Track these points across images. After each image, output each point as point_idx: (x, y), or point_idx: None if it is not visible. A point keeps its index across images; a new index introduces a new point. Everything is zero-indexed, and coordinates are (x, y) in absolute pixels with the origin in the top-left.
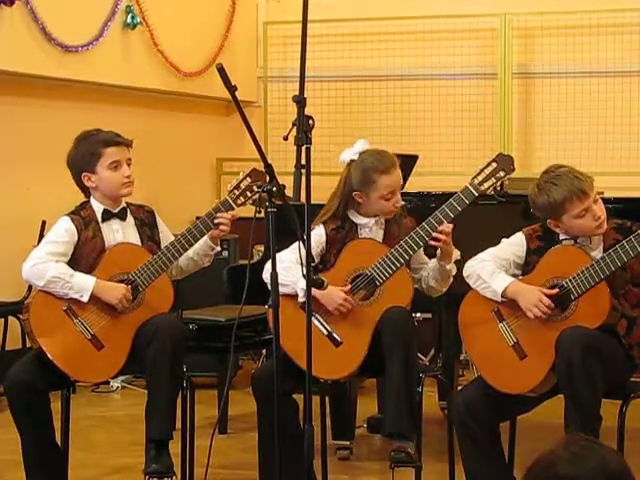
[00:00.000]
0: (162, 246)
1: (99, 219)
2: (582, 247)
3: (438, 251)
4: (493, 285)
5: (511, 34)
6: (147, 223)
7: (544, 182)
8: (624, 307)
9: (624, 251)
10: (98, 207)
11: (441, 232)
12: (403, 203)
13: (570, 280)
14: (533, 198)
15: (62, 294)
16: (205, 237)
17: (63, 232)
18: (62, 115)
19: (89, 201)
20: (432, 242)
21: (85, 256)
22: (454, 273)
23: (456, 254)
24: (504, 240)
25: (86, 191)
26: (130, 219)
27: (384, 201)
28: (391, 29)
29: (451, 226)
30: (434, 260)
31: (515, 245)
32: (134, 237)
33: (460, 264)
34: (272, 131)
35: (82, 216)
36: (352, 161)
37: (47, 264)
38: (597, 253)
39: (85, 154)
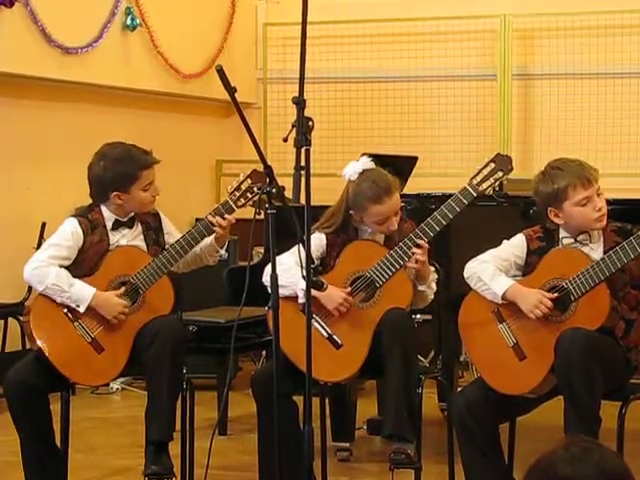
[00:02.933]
0: None
1: (108, 226)
2: (582, 247)
3: (413, 272)
4: (493, 287)
5: (511, 35)
6: (152, 227)
7: (550, 169)
8: (623, 310)
9: (624, 252)
10: (109, 216)
11: (419, 247)
12: (402, 204)
13: (570, 281)
14: (537, 185)
15: (60, 301)
16: (211, 238)
17: (69, 235)
18: (61, 117)
19: (99, 205)
20: (409, 264)
21: (88, 259)
22: (431, 296)
23: (433, 276)
24: (505, 241)
25: (100, 201)
26: (137, 225)
27: (377, 225)
28: (391, 30)
29: (426, 245)
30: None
31: (516, 246)
32: (140, 244)
33: (440, 285)
34: (272, 132)
35: (90, 219)
36: (352, 182)
37: (48, 269)
38: (597, 255)
39: (122, 175)
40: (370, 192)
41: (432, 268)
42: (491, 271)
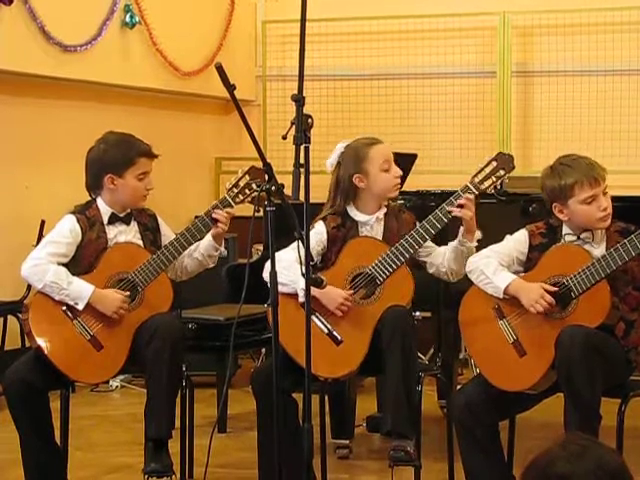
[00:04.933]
0: None
1: (105, 220)
2: (584, 245)
3: (461, 228)
4: (496, 281)
5: (510, 32)
6: (150, 228)
7: (559, 164)
8: (623, 310)
9: (625, 250)
10: (105, 209)
11: (462, 205)
12: (402, 201)
13: (571, 278)
14: (544, 179)
15: (58, 299)
16: (209, 237)
17: (67, 232)
18: (60, 114)
19: (95, 201)
20: (455, 212)
21: (87, 257)
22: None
23: (478, 234)
24: (508, 237)
25: (95, 190)
26: (133, 224)
27: (384, 173)
28: (390, 27)
29: (472, 197)
30: (451, 243)
31: (518, 241)
32: (137, 241)
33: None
34: (271, 130)
35: (87, 216)
36: (341, 154)
37: (47, 266)
38: (599, 253)
39: (119, 157)
40: (364, 140)
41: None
42: (494, 265)
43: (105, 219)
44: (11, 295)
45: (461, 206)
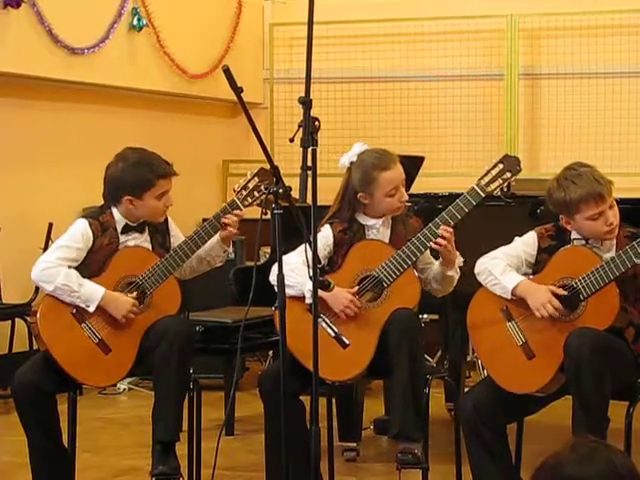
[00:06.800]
0: None
1: (118, 229)
2: (593, 248)
3: (440, 258)
4: (504, 282)
5: (517, 35)
6: (159, 230)
7: (564, 178)
8: (633, 315)
9: (634, 253)
10: (119, 219)
11: (441, 236)
12: (409, 204)
13: (580, 280)
14: (550, 192)
15: (69, 301)
16: (217, 237)
17: (79, 237)
18: (68, 117)
19: (110, 208)
20: (433, 245)
21: (97, 261)
22: (457, 278)
23: (459, 260)
24: (517, 238)
25: (112, 203)
26: (147, 231)
27: (389, 198)
28: (397, 30)
29: (451, 230)
30: (438, 262)
31: (527, 244)
32: (146, 245)
33: (465, 267)
34: (278, 132)
35: (100, 221)
36: (352, 163)
37: (58, 269)
38: (608, 256)
39: (137, 180)
40: (376, 161)
41: (457, 252)
42: (502, 266)
43: (119, 228)
44: (19, 298)
45: (443, 237)
